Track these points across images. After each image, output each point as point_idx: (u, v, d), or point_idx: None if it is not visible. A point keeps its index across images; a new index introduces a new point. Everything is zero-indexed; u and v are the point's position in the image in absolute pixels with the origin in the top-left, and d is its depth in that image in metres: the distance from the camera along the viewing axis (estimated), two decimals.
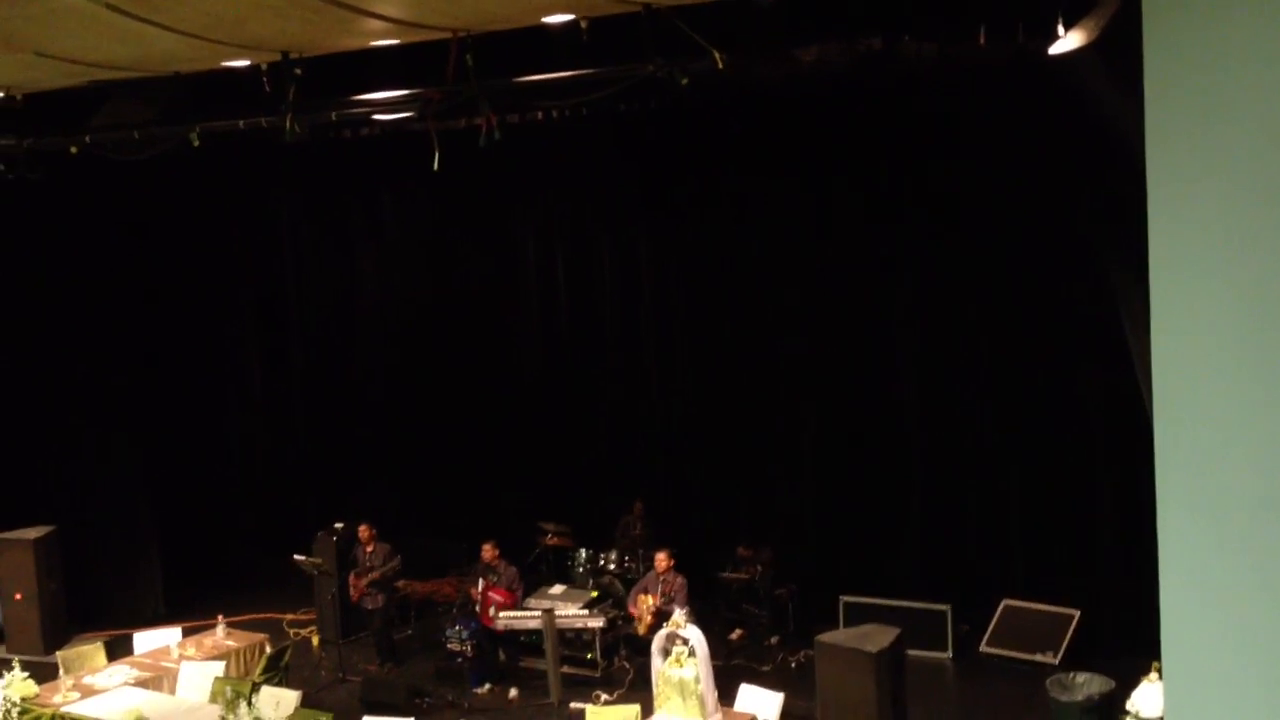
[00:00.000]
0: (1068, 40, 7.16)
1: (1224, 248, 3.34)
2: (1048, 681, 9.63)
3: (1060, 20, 7.41)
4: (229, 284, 15.74)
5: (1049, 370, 11.88)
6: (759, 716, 9.34)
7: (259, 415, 16.27)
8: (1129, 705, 7.96)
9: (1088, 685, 9.38)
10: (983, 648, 11.87)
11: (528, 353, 15.05)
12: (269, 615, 13.69)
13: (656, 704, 9.54)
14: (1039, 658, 11.41)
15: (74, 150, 10.47)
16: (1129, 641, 9.15)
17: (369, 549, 12.45)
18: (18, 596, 13.03)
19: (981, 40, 7.56)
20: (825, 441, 13.23)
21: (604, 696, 11.01)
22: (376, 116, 9.75)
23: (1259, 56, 3.12)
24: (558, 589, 12.56)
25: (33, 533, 13.17)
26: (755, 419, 13.60)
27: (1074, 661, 10.75)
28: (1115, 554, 11.55)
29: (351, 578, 12.47)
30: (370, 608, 12.49)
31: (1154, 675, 7.74)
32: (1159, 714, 7.56)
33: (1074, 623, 11.53)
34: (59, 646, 11.93)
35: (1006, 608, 11.98)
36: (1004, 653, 11.73)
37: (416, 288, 15.63)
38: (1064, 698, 9.36)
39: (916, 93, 10.98)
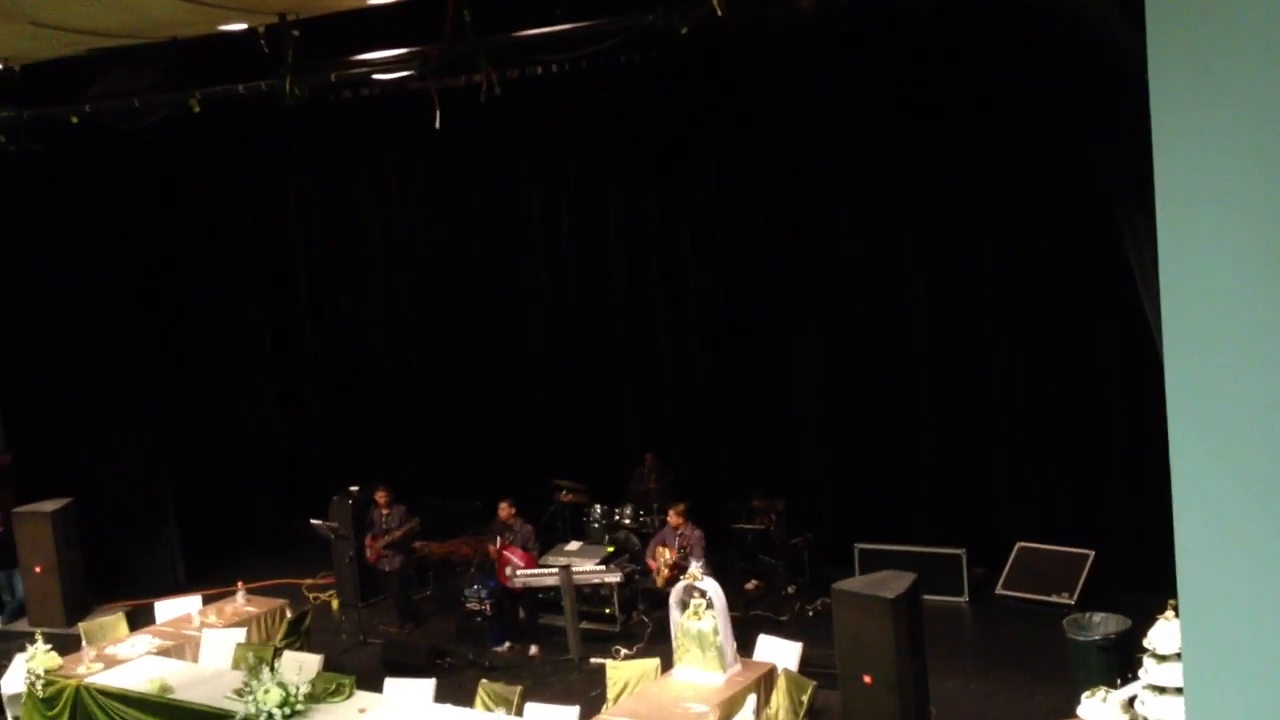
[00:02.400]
0: None
1: (1231, 172, 3.29)
2: (1064, 622, 9.63)
3: None
4: (237, 251, 15.72)
5: (1057, 311, 11.82)
6: (778, 666, 9.37)
7: (272, 381, 16.31)
8: (1146, 643, 7.93)
9: (1104, 624, 9.38)
10: (999, 590, 11.90)
11: (536, 311, 15.02)
12: (288, 580, 13.76)
13: (676, 657, 9.57)
14: (1055, 599, 11.45)
15: (74, 120, 10.41)
16: (1144, 579, 9.12)
17: (385, 511, 12.50)
18: (38, 569, 13.11)
19: None
20: (836, 390, 13.20)
21: (623, 651, 11.08)
22: (376, 76, 9.69)
23: None
24: (574, 545, 12.61)
25: (50, 505, 13.22)
26: (766, 369, 13.58)
27: (1090, 601, 10.76)
28: (1128, 492, 11.56)
29: (368, 540, 12.54)
30: (388, 569, 12.56)
31: (1170, 613, 7.72)
32: (1176, 650, 7.57)
33: (1089, 563, 11.55)
34: (80, 618, 12.02)
35: (1021, 550, 12.00)
36: (1020, 595, 11.76)
37: (424, 249, 15.59)
38: (1081, 638, 9.36)
39: (925, 35, 10.86)
